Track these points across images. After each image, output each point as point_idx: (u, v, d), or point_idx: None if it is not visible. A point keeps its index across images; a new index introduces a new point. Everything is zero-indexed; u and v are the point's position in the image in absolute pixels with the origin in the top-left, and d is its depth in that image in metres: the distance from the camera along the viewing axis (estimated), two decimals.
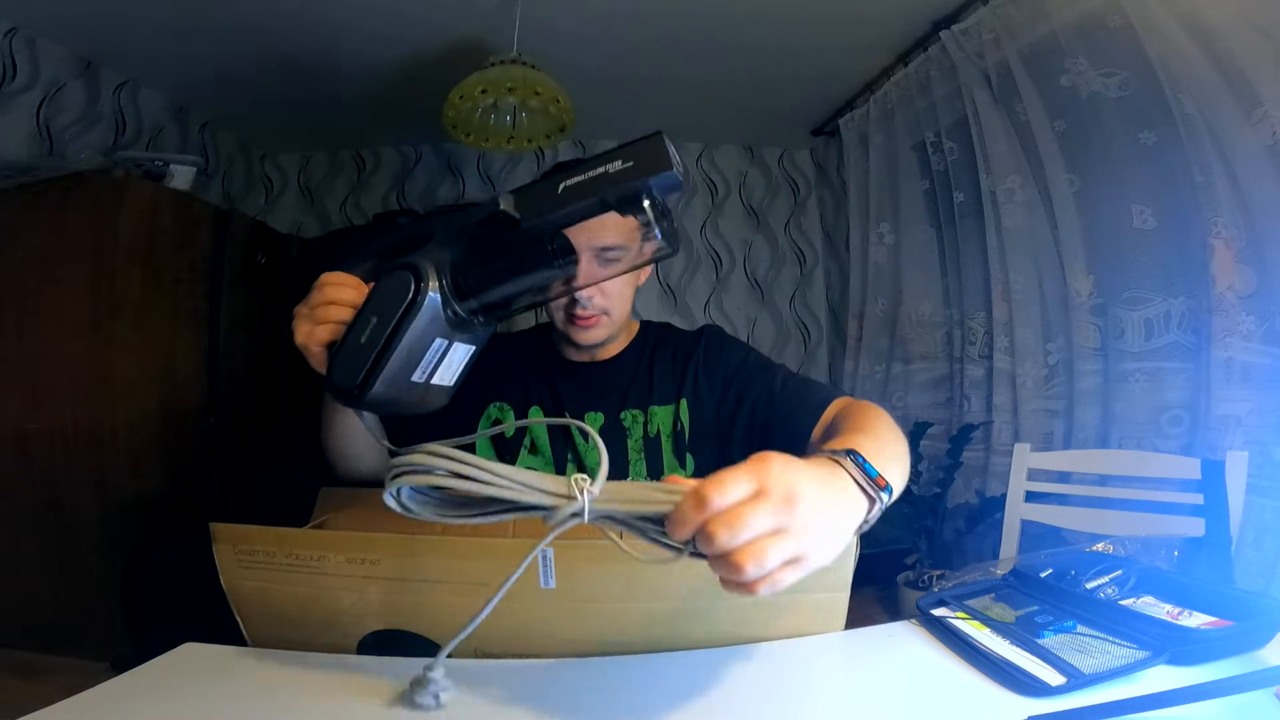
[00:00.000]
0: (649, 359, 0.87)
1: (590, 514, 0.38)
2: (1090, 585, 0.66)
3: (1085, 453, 1.38)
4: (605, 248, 0.71)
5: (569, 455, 0.82)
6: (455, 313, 0.51)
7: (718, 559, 0.36)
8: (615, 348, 0.88)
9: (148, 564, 1.45)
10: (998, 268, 1.80)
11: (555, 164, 0.49)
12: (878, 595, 1.87)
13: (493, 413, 0.84)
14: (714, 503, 0.35)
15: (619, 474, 0.81)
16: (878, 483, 0.44)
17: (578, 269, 0.54)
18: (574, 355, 0.86)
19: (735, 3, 1.80)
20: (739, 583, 0.36)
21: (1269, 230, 1.21)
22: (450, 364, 0.54)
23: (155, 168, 1.74)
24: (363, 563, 0.55)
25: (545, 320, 0.88)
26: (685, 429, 0.82)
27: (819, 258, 2.99)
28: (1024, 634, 0.56)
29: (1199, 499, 1.04)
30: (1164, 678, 0.50)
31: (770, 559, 0.35)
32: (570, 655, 0.55)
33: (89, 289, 1.55)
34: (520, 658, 0.55)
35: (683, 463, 0.81)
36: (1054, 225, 1.66)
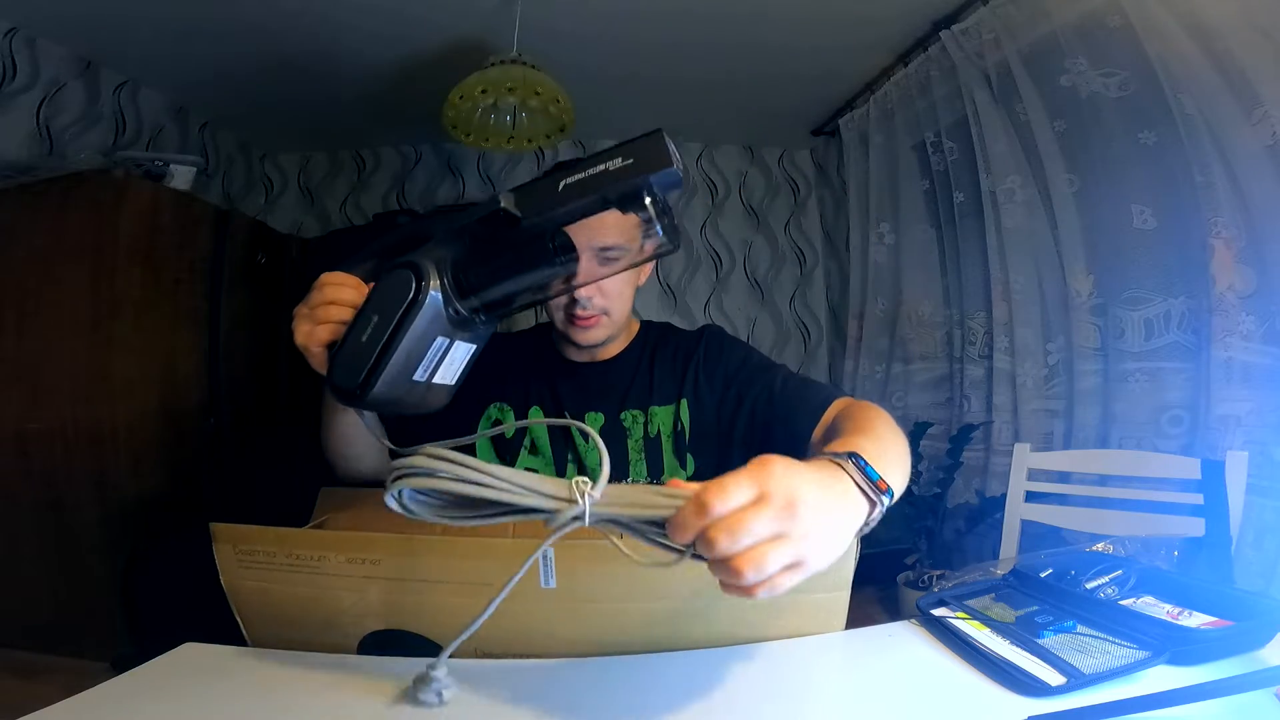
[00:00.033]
0: (649, 359, 0.87)
1: (591, 518, 0.38)
2: (1090, 585, 0.66)
3: (1085, 453, 1.38)
4: (606, 247, 0.70)
5: (569, 455, 0.82)
6: (456, 311, 0.51)
7: (717, 563, 0.36)
8: (615, 348, 0.87)
9: (148, 564, 1.45)
10: (998, 268, 1.80)
11: (556, 163, 0.49)
12: (878, 595, 1.87)
13: (493, 413, 0.84)
14: (715, 509, 0.35)
15: (619, 474, 0.81)
16: (879, 486, 0.44)
17: (578, 267, 0.54)
18: (574, 355, 0.86)
19: (735, 3, 1.80)
20: (738, 586, 0.36)
21: (1269, 230, 1.21)
22: (452, 363, 0.54)
23: (155, 168, 1.74)
24: (363, 563, 0.55)
25: (545, 320, 0.88)
26: (686, 429, 0.82)
27: (819, 258, 2.99)
28: (1024, 634, 0.56)
29: (1199, 499, 1.04)
30: (1164, 678, 0.50)
31: (770, 564, 0.35)
32: (570, 655, 0.55)
33: (89, 289, 1.55)
34: (521, 658, 0.55)
35: (683, 463, 0.81)
36: (1054, 225, 1.66)
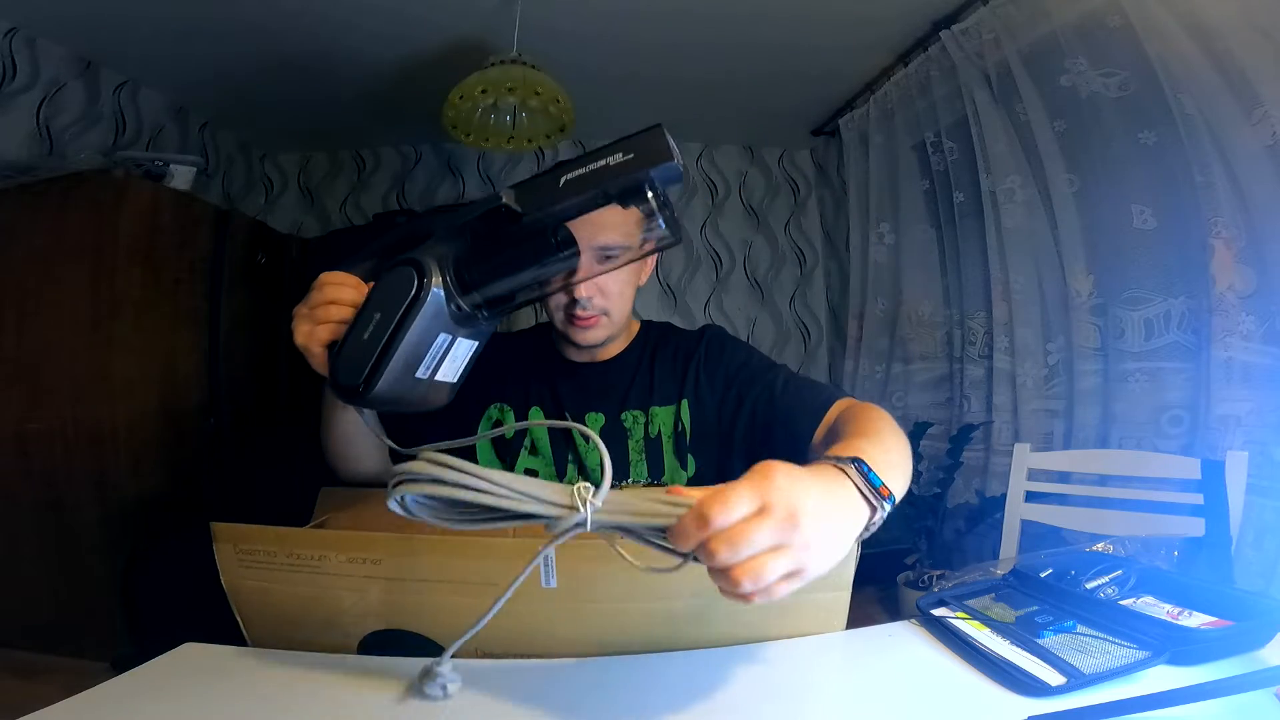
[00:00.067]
0: (650, 359, 0.87)
1: (593, 524, 0.39)
2: (1090, 585, 0.66)
3: (1085, 453, 1.38)
4: (607, 247, 0.70)
5: (569, 456, 0.82)
6: (459, 307, 0.51)
7: (717, 571, 0.37)
8: (616, 348, 0.87)
9: (148, 564, 1.46)
10: (998, 268, 1.80)
11: (556, 162, 0.49)
12: (878, 595, 1.87)
13: (493, 413, 0.84)
14: (717, 521, 0.36)
15: (619, 475, 0.81)
16: (881, 492, 0.45)
17: (579, 266, 0.54)
18: (574, 355, 0.86)
19: (735, 3, 1.80)
20: (735, 594, 0.37)
21: (1269, 230, 1.21)
22: (454, 360, 0.54)
23: (155, 168, 1.74)
24: (364, 562, 0.55)
25: (545, 320, 0.88)
26: (686, 430, 0.82)
27: (819, 258, 2.99)
28: (1024, 634, 0.56)
29: (1199, 499, 1.04)
30: (1164, 678, 0.50)
31: (768, 575, 0.36)
32: (571, 655, 0.55)
33: (89, 289, 1.55)
34: (521, 657, 0.55)
35: (684, 464, 0.81)
36: (1054, 225, 1.66)
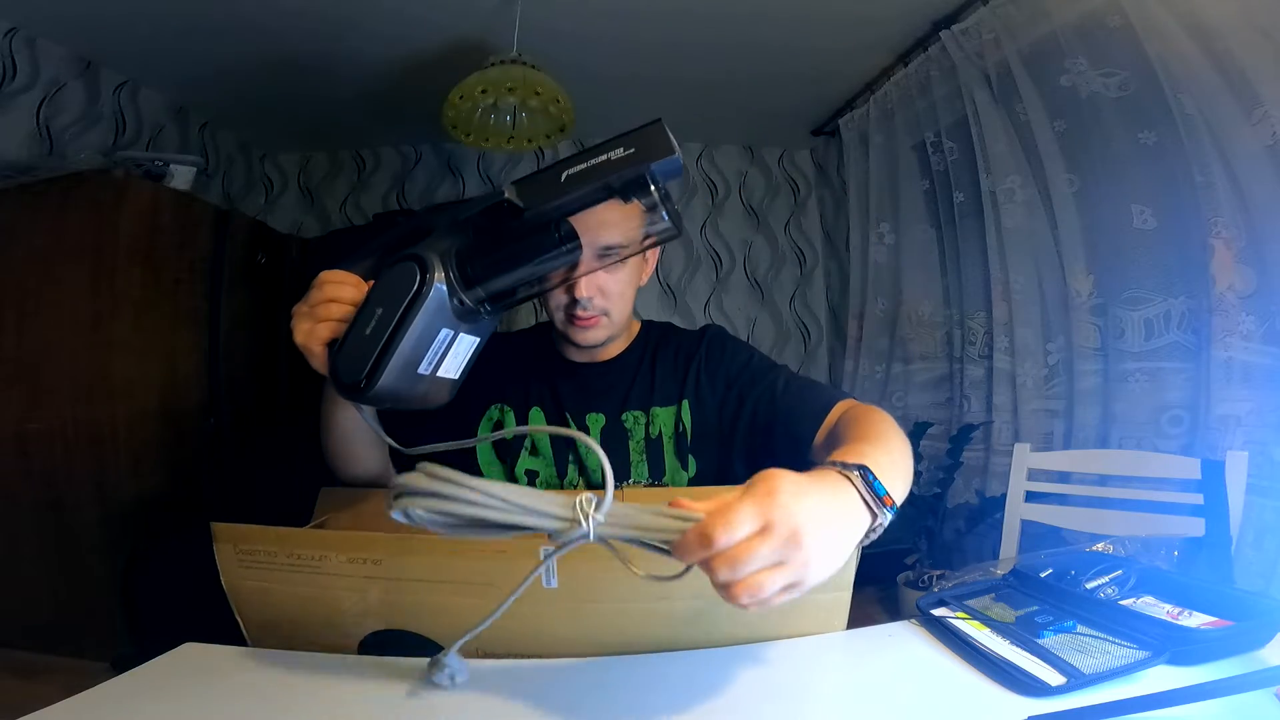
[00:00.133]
0: (650, 359, 0.87)
1: (595, 536, 0.39)
2: (1090, 585, 0.66)
3: (1085, 453, 1.38)
4: (608, 246, 0.69)
5: (570, 457, 0.82)
6: (461, 302, 0.51)
7: (717, 584, 0.38)
8: (616, 348, 0.87)
9: (148, 564, 1.45)
10: (998, 268, 1.80)
11: (556, 160, 0.50)
12: (878, 595, 1.87)
13: (493, 414, 0.84)
14: (720, 542, 0.36)
15: (621, 475, 0.81)
16: (884, 501, 0.45)
17: (581, 265, 0.54)
18: (574, 355, 0.86)
19: (735, 3, 1.80)
20: (733, 603, 0.38)
21: (1269, 230, 1.21)
22: (456, 355, 0.54)
23: (155, 168, 1.74)
24: (364, 563, 0.55)
25: (545, 320, 0.88)
26: (687, 430, 0.82)
27: (819, 258, 2.99)
28: (1024, 634, 0.56)
29: (1199, 499, 1.04)
30: (1164, 678, 0.50)
31: (767, 590, 0.37)
32: (572, 655, 0.55)
33: (89, 289, 1.55)
34: (522, 657, 0.55)
35: (684, 464, 0.81)
36: (1054, 225, 1.66)
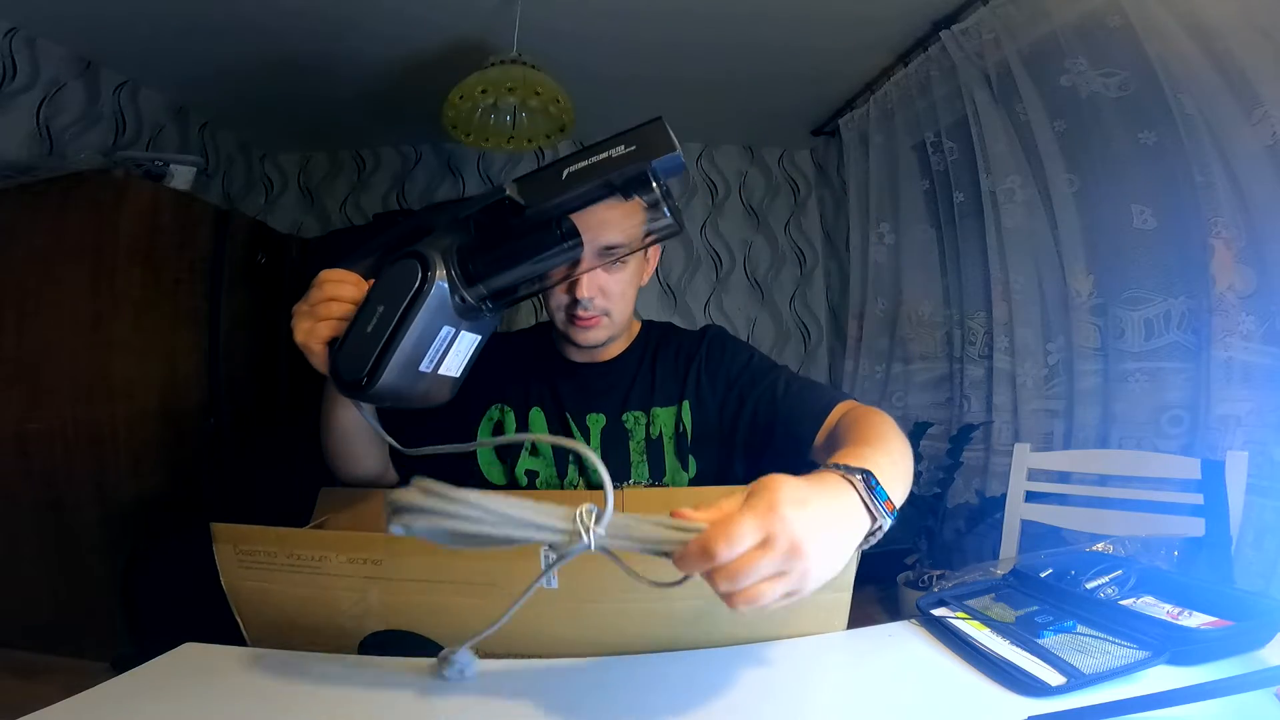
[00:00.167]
0: (651, 360, 0.87)
1: (595, 547, 0.39)
2: (1090, 585, 0.66)
3: (1085, 453, 1.38)
4: (609, 246, 0.69)
5: (570, 457, 0.82)
6: (463, 299, 0.51)
7: (717, 592, 0.38)
8: (617, 348, 0.87)
9: (148, 564, 1.45)
10: (998, 268, 1.80)
11: (556, 159, 0.50)
12: (878, 595, 1.87)
13: (493, 414, 0.84)
14: (720, 557, 0.36)
15: (621, 476, 0.81)
16: (886, 507, 0.45)
17: (583, 255, 0.54)
18: (575, 355, 0.86)
19: (735, 3, 1.79)
20: (731, 607, 0.38)
21: (1269, 230, 1.21)
22: (458, 353, 0.54)
23: (155, 168, 1.74)
24: (364, 563, 0.55)
25: (544, 319, 0.88)
26: (688, 431, 0.82)
27: (819, 258, 2.99)
28: (1024, 634, 0.56)
29: (1199, 499, 1.04)
30: (1164, 678, 0.50)
31: (766, 599, 0.37)
32: (572, 655, 0.55)
33: (89, 289, 1.55)
34: (521, 658, 0.55)
35: (685, 465, 0.81)
36: (1054, 225, 1.66)
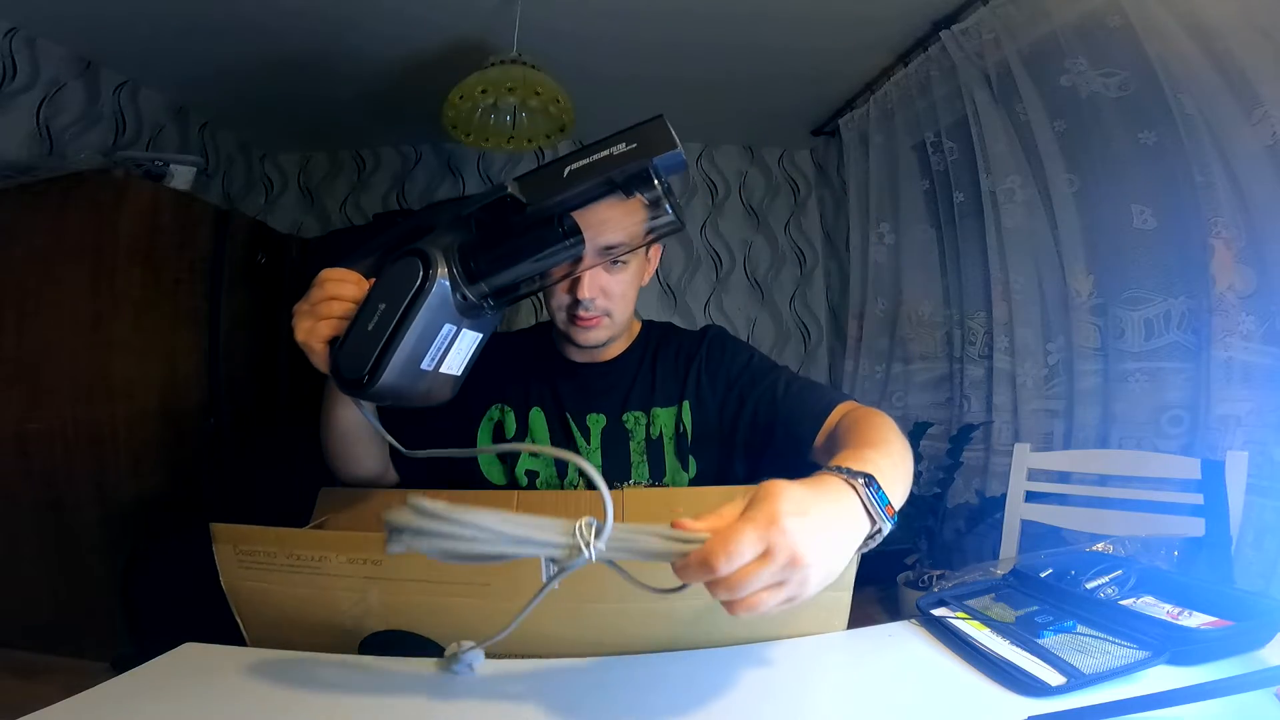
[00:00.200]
0: (651, 360, 0.87)
1: (595, 559, 0.39)
2: (1090, 585, 0.66)
3: (1085, 453, 1.38)
4: (609, 246, 0.69)
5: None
6: (465, 297, 0.51)
7: (716, 598, 0.39)
8: (617, 348, 0.87)
9: (148, 564, 1.45)
10: (998, 268, 1.80)
11: (556, 158, 0.50)
12: (878, 595, 1.87)
13: (494, 414, 0.84)
14: (720, 570, 0.36)
15: (621, 476, 0.81)
16: (886, 511, 0.45)
17: (585, 253, 0.55)
18: (575, 355, 0.86)
19: (735, 3, 1.79)
20: (732, 613, 0.39)
21: (1269, 230, 1.21)
22: (459, 351, 0.54)
23: (155, 168, 1.74)
24: (364, 563, 0.55)
25: (545, 319, 0.88)
26: (688, 431, 0.82)
27: (819, 258, 2.99)
28: (1024, 634, 0.56)
29: (1199, 499, 1.04)
30: (1164, 678, 0.50)
31: (765, 607, 0.38)
32: (572, 655, 0.55)
33: (89, 289, 1.54)
34: (521, 658, 0.55)
35: (685, 465, 0.81)
36: (1054, 225, 1.66)
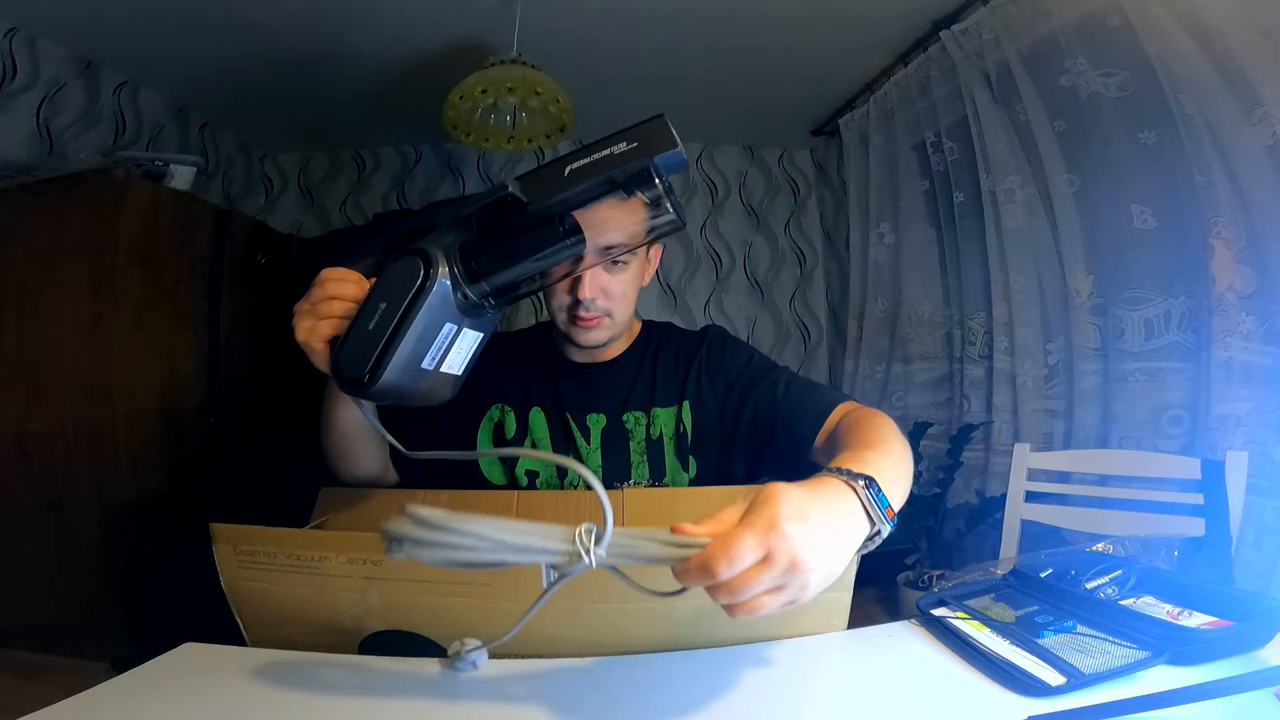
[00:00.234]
0: (651, 360, 0.87)
1: (596, 566, 0.39)
2: (1090, 585, 0.66)
3: (1085, 453, 1.38)
4: (610, 247, 0.69)
5: (570, 457, 0.82)
6: (465, 296, 0.51)
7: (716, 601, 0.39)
8: (617, 348, 0.87)
9: (148, 564, 1.45)
10: (998, 268, 1.80)
11: (557, 157, 0.50)
12: (878, 595, 1.87)
13: (494, 414, 0.84)
14: (721, 575, 0.36)
15: (621, 476, 0.81)
16: (886, 514, 0.45)
17: (585, 253, 0.55)
18: (575, 355, 0.86)
19: (735, 3, 1.79)
20: (731, 616, 0.39)
21: (1269, 230, 1.21)
22: (460, 351, 0.54)
23: (155, 168, 1.74)
24: (364, 563, 0.55)
25: (545, 319, 0.88)
26: (688, 431, 0.82)
27: (819, 258, 2.99)
28: (1024, 634, 0.56)
29: (1199, 499, 1.04)
30: (1164, 678, 0.50)
31: (764, 610, 0.38)
32: (572, 655, 0.55)
33: (89, 289, 1.54)
34: (521, 658, 0.55)
35: (685, 465, 0.81)
36: (1054, 225, 1.66)
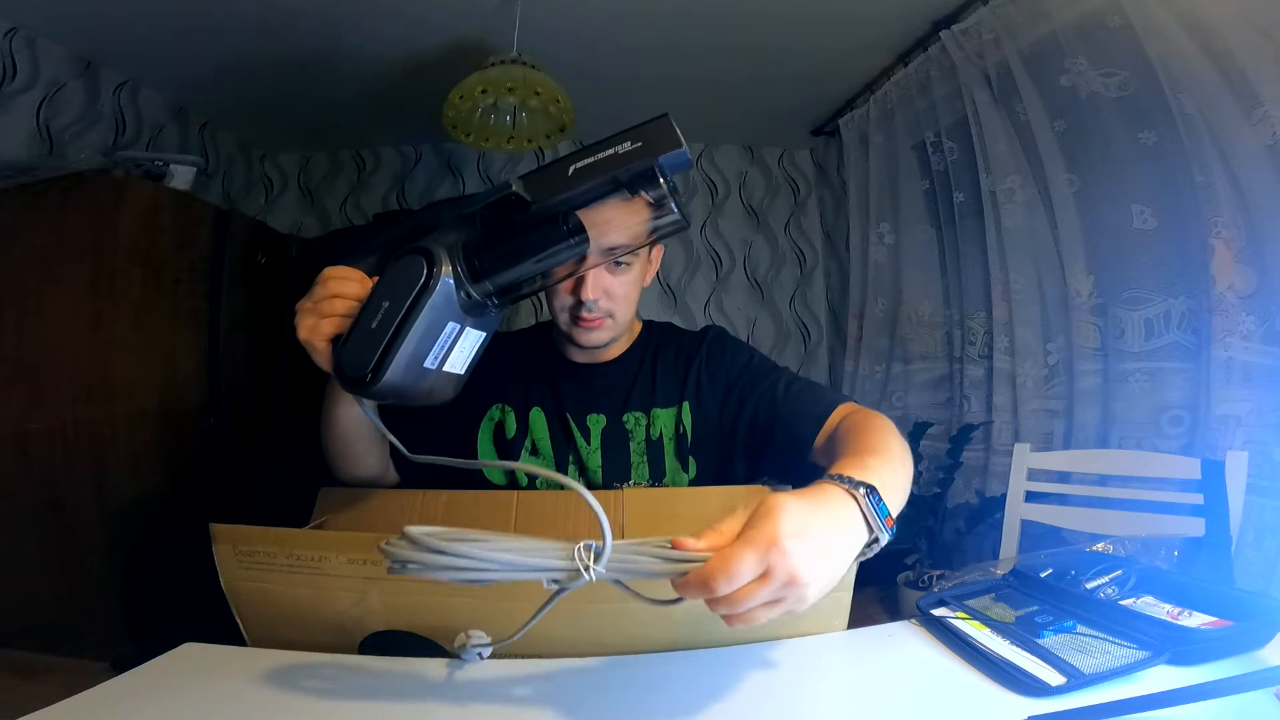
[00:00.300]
0: (651, 360, 0.87)
1: (596, 580, 0.39)
2: (1090, 585, 0.66)
3: (1085, 453, 1.38)
4: (613, 247, 0.69)
5: (570, 457, 0.82)
6: (469, 295, 0.50)
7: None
8: (618, 349, 0.87)
9: (148, 564, 1.45)
10: (998, 268, 1.80)
11: (560, 156, 0.50)
12: (878, 595, 1.87)
13: (494, 414, 0.84)
14: (720, 591, 0.37)
15: (621, 477, 0.81)
16: (886, 523, 0.45)
17: (589, 252, 0.55)
18: (576, 356, 0.86)
19: (735, 3, 1.79)
20: (729, 625, 0.39)
21: (1269, 230, 1.21)
22: (462, 350, 0.54)
23: (155, 168, 1.74)
24: (364, 563, 0.55)
25: (545, 319, 0.88)
26: (688, 432, 0.82)
27: (819, 258, 2.99)
28: (1024, 634, 0.56)
29: (1199, 499, 1.04)
30: (1164, 678, 0.50)
31: (761, 621, 0.38)
32: (573, 655, 0.55)
33: (89, 289, 1.54)
34: (521, 658, 0.55)
35: (685, 466, 0.81)
36: (1054, 225, 1.66)
